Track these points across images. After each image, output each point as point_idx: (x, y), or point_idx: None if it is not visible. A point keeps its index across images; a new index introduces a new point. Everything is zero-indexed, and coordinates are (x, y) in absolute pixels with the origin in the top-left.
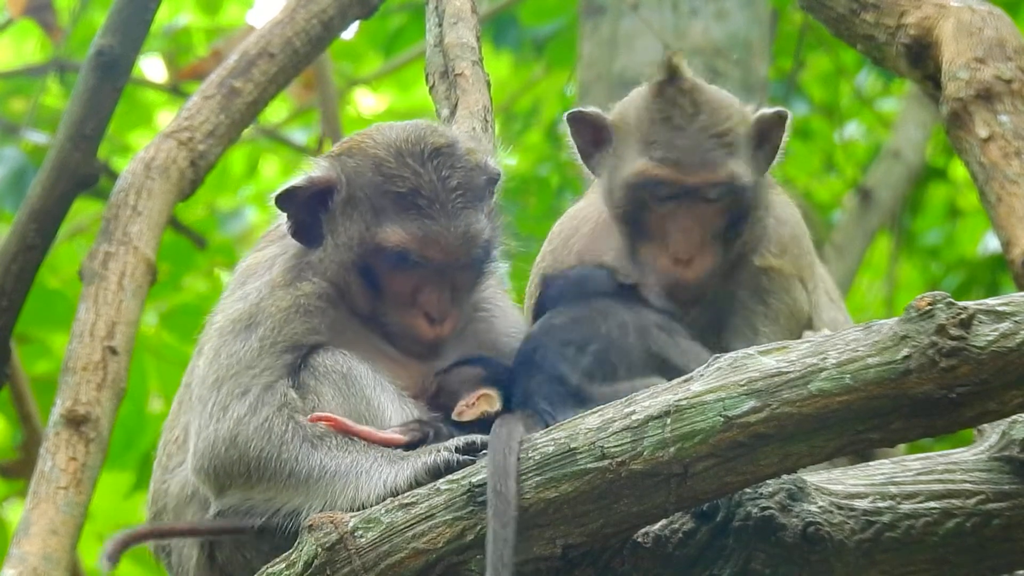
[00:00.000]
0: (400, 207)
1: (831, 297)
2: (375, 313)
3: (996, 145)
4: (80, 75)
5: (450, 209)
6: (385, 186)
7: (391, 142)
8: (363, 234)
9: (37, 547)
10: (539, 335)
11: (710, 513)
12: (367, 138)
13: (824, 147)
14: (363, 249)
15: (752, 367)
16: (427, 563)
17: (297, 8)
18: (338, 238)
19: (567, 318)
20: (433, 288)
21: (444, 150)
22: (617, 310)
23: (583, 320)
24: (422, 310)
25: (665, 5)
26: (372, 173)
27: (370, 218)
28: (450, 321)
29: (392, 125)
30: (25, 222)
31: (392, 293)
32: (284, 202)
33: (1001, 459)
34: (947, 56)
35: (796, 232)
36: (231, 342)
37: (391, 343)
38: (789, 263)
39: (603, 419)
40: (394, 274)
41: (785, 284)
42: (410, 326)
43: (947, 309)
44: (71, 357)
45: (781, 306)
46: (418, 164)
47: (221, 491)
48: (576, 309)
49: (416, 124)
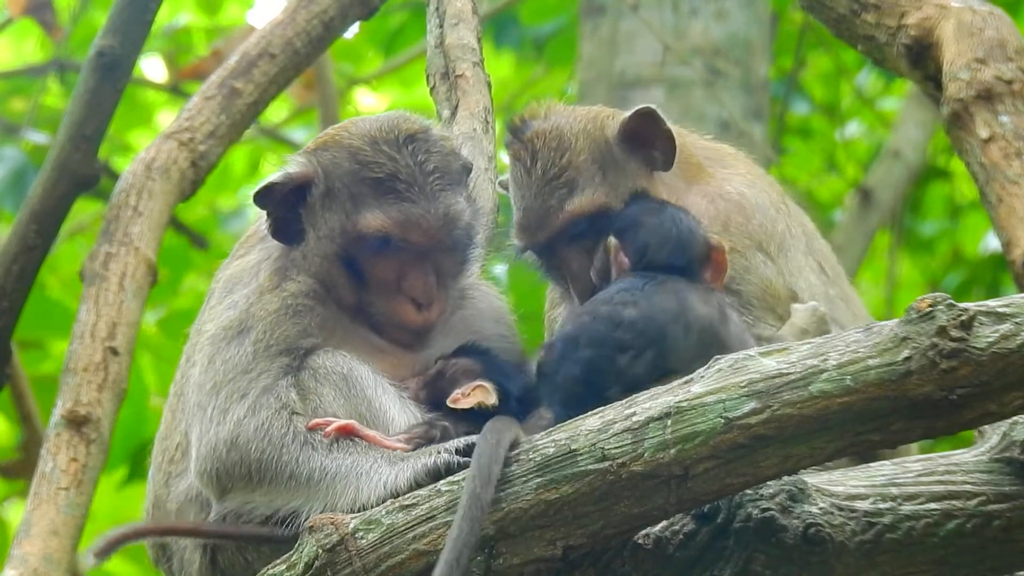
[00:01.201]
0: (378, 193)
1: (824, 268)
2: (361, 304)
3: (997, 146)
4: (80, 75)
5: (428, 191)
6: (362, 173)
7: (365, 132)
8: (344, 224)
9: (38, 548)
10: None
11: (711, 514)
12: (342, 131)
13: (825, 147)
14: (345, 239)
15: (753, 368)
16: (428, 564)
17: (298, 8)
18: (319, 231)
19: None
20: (417, 273)
21: (419, 136)
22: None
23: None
24: (408, 296)
25: (665, 5)
26: (349, 163)
27: (349, 207)
28: (436, 306)
29: (366, 117)
30: (25, 223)
31: (377, 282)
32: (262, 199)
33: (1002, 460)
34: (948, 57)
35: (741, 203)
36: (225, 349)
37: (380, 334)
38: (738, 236)
39: (604, 420)
40: (377, 261)
41: (744, 263)
42: (396, 313)
43: (948, 311)
44: (72, 358)
45: (750, 288)
46: (393, 150)
47: (223, 494)
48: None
49: (389, 114)
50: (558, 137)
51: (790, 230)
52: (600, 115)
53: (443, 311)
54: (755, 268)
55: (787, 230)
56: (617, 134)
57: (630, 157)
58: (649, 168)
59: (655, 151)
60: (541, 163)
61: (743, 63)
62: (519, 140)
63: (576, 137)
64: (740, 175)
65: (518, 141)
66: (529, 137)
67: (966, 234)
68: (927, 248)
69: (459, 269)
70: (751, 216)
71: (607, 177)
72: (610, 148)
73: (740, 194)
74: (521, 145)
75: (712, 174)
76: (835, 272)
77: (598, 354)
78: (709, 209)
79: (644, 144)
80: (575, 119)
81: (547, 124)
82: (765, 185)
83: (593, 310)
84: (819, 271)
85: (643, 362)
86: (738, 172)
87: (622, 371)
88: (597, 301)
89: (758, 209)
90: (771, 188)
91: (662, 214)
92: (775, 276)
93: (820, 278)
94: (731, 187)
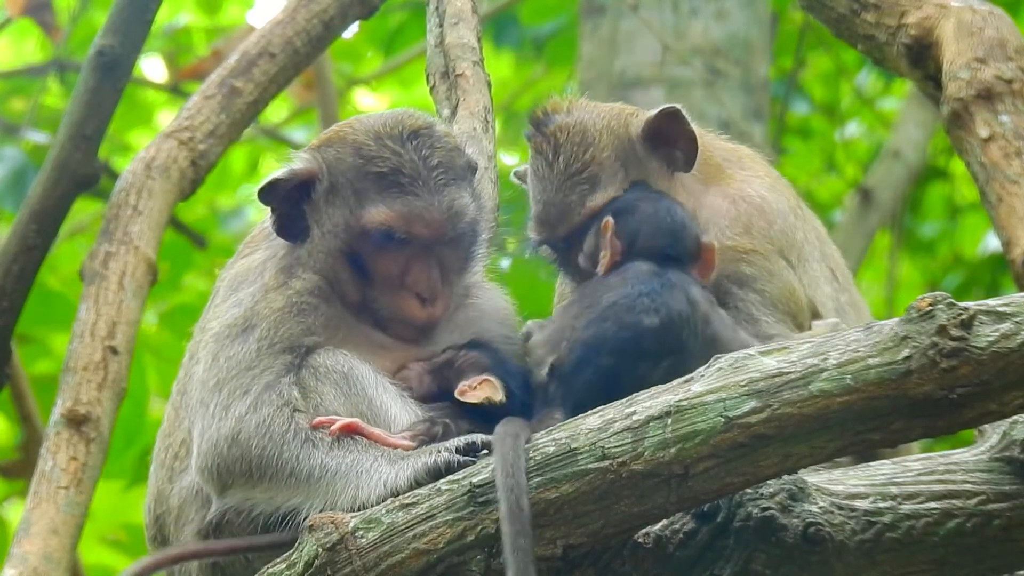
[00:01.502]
0: (382, 187)
1: (835, 275)
2: (366, 301)
3: (997, 145)
4: (80, 75)
5: (432, 185)
6: (366, 168)
7: (370, 128)
8: (348, 219)
9: (38, 547)
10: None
11: (711, 513)
12: (346, 127)
13: (824, 147)
14: (349, 234)
15: (753, 367)
16: (428, 563)
17: (298, 8)
18: (323, 227)
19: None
20: (422, 268)
21: (423, 131)
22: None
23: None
24: (412, 291)
25: (665, 5)
26: (353, 158)
27: (353, 202)
28: (441, 301)
29: (370, 114)
30: (25, 222)
31: (381, 277)
32: (267, 196)
33: (1002, 460)
34: (948, 56)
35: (763, 207)
36: (229, 346)
37: (384, 331)
38: (760, 239)
39: (604, 419)
40: (381, 256)
41: (768, 266)
42: (401, 308)
43: (948, 310)
44: (72, 357)
45: (775, 291)
46: (398, 145)
47: (223, 490)
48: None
49: (394, 111)
50: (581, 132)
51: (807, 237)
52: (624, 112)
53: (447, 307)
54: (779, 273)
55: (805, 238)
56: (641, 132)
57: (652, 156)
58: (670, 168)
59: (677, 151)
60: (564, 157)
61: (743, 63)
62: (541, 133)
63: (600, 133)
64: (759, 177)
65: (540, 134)
66: (552, 131)
67: (965, 235)
68: (927, 248)
69: (464, 265)
70: (772, 221)
71: (629, 175)
72: (633, 146)
73: (761, 197)
74: (543, 138)
75: (732, 176)
76: (845, 278)
77: (620, 363)
78: (731, 210)
79: (666, 143)
80: (599, 115)
81: (571, 119)
82: (783, 189)
83: (616, 317)
84: (831, 279)
85: (660, 369)
86: (757, 174)
87: (640, 378)
88: (619, 307)
89: (779, 214)
90: (788, 192)
91: (658, 203)
92: (797, 284)
93: (833, 286)
94: (752, 190)
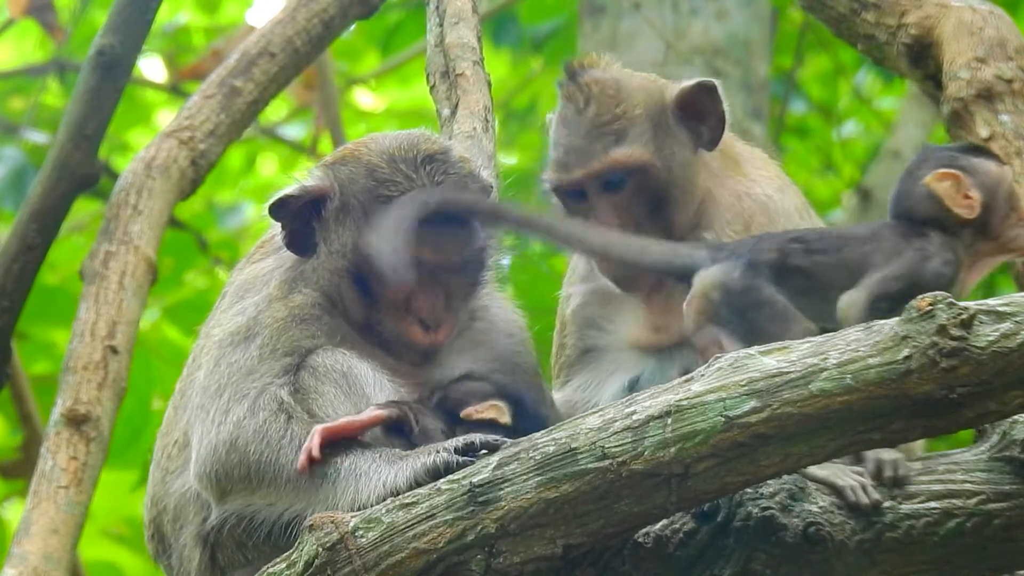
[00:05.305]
0: None
1: None
2: (369, 321)
3: (997, 145)
4: (81, 75)
5: (443, 213)
6: (378, 191)
7: (384, 149)
8: (355, 240)
9: (38, 546)
10: None
11: (711, 513)
12: (361, 146)
13: (822, 146)
14: (356, 255)
15: (753, 367)
16: (428, 563)
17: (298, 7)
18: (331, 246)
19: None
20: (427, 294)
21: (437, 156)
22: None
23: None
24: (416, 316)
25: (665, 5)
26: (365, 179)
27: (363, 224)
28: (445, 328)
29: (386, 134)
30: (26, 222)
31: (386, 300)
32: (277, 211)
33: (1002, 459)
34: (948, 56)
35: (767, 204)
36: (231, 353)
37: (387, 351)
38: None
39: (604, 419)
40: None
41: None
42: (404, 333)
43: (948, 309)
44: (72, 356)
45: None
46: (411, 169)
47: (223, 496)
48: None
49: (410, 132)
50: (616, 87)
51: None
52: (658, 79)
53: (451, 333)
54: None
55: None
56: (675, 100)
57: (681, 125)
58: (694, 143)
59: (704, 127)
60: (595, 106)
61: (743, 63)
62: (575, 82)
63: (635, 92)
64: (769, 178)
65: (574, 83)
66: (586, 81)
67: None
68: None
69: (470, 291)
70: (775, 220)
71: (655, 137)
72: (664, 111)
73: (767, 196)
74: (576, 87)
75: (746, 173)
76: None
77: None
78: (735, 206)
79: (696, 117)
80: (634, 77)
81: (607, 75)
82: (792, 192)
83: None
84: None
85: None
86: (768, 176)
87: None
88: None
89: (782, 214)
90: (797, 196)
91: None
92: None
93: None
94: (760, 188)
